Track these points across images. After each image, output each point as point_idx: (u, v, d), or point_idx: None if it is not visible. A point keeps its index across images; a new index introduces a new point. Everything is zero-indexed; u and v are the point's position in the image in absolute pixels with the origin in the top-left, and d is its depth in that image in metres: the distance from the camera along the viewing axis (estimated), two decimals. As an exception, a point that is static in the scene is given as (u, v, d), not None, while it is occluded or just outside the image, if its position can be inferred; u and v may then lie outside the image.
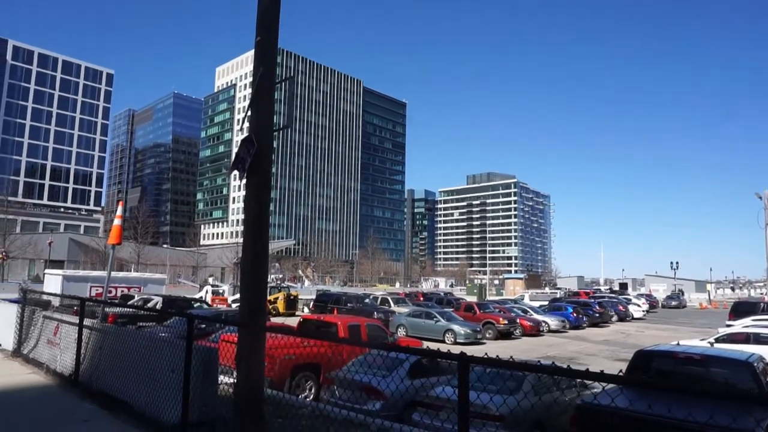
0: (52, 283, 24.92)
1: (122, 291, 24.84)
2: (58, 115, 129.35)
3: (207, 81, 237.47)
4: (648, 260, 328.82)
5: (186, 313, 5.26)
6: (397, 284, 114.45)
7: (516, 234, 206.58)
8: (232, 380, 7.30)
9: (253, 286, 5.37)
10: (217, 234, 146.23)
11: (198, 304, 21.58)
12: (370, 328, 13.85)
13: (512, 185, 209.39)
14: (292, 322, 28.17)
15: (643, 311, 42.90)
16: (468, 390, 2.99)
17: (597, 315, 33.81)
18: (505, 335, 25.12)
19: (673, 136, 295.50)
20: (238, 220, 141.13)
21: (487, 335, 24.40)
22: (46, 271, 32.21)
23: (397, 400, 9.07)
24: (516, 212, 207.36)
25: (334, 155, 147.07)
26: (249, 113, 5.59)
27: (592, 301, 38.98)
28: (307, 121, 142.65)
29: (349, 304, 28.79)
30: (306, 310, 38.30)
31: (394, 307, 30.60)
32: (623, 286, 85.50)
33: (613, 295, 53.37)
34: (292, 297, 35.97)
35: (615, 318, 36.59)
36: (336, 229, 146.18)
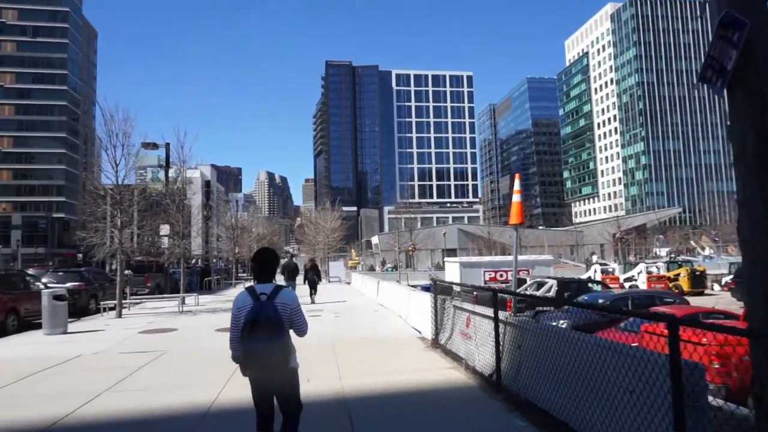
0: (452, 270, 27.04)
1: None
2: (434, 124, 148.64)
3: (557, 58, 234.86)
4: None
5: (667, 315, 3.43)
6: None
7: None
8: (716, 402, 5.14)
9: (766, 266, 3.14)
10: (589, 210, 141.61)
11: (592, 285, 19.84)
12: None
13: None
14: (701, 302, 23.40)
15: None
16: None
17: None
18: None
19: None
20: (609, 194, 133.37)
21: None
22: (446, 259, 35.81)
23: None
24: None
25: (715, 102, 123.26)
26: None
27: None
28: (676, 70, 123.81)
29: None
30: (717, 287, 32.47)
31: None
32: None
33: None
34: (697, 273, 30.85)
35: None
36: (732, 189, 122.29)
